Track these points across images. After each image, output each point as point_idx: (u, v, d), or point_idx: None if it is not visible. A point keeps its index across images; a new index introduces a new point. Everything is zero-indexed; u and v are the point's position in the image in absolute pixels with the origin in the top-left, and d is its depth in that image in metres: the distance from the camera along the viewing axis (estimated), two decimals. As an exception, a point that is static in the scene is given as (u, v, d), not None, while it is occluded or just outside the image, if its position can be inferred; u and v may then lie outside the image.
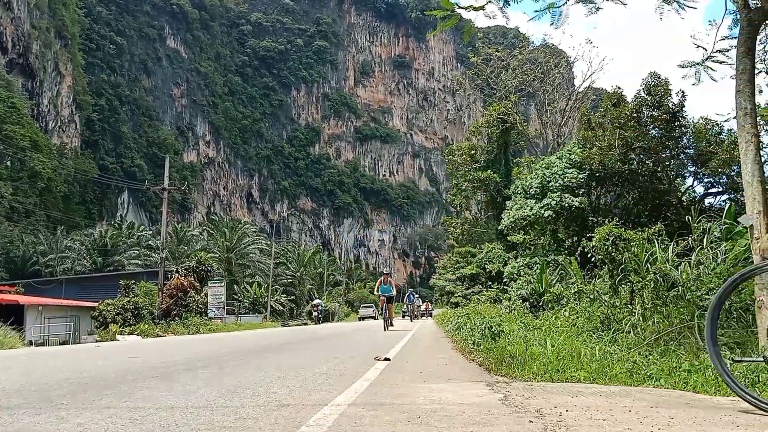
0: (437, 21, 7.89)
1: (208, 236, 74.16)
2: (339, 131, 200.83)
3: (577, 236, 19.49)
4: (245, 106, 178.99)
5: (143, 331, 22.98)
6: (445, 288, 46.78)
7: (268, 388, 4.89)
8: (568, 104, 39.12)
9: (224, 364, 7.74)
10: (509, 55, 41.68)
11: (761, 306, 5.78)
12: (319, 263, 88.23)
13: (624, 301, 9.53)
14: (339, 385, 5.04)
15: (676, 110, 18.41)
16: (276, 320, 53.07)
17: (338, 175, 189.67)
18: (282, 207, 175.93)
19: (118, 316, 27.84)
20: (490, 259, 33.24)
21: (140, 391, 4.91)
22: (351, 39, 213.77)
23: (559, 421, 3.25)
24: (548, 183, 20.33)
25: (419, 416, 3.44)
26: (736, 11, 7.26)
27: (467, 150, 36.50)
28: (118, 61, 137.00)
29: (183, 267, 39.75)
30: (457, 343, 10.86)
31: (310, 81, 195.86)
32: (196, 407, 3.94)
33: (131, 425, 3.37)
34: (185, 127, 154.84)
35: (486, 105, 43.65)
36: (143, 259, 66.84)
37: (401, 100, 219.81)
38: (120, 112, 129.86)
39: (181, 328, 26.57)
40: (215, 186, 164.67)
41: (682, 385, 4.93)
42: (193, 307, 32.86)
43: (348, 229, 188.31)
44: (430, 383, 5.31)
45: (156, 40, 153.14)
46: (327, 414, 3.56)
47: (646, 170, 18.74)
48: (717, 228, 10.32)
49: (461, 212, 44.88)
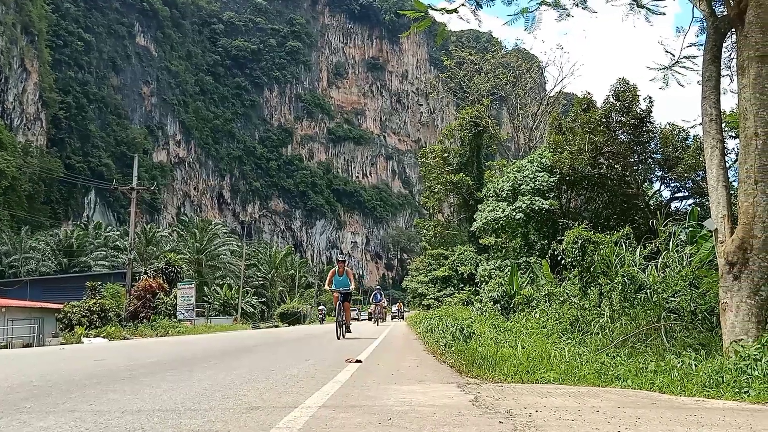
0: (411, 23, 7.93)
1: (178, 237, 73.20)
2: (312, 132, 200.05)
3: (548, 239, 19.72)
4: (217, 105, 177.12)
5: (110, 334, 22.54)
6: (417, 290, 46.88)
7: (237, 391, 4.83)
8: (539, 108, 39.59)
9: (193, 366, 7.63)
10: (482, 59, 42.04)
11: (725, 308, 5.91)
12: (290, 265, 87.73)
13: (593, 303, 9.66)
14: (310, 387, 5.00)
15: (644, 116, 18.78)
16: (247, 322, 52.59)
17: (311, 176, 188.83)
18: (254, 208, 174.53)
19: (84, 319, 27.28)
20: (462, 261, 33.44)
21: (106, 394, 4.81)
22: (325, 40, 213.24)
23: (528, 421, 3.27)
24: (519, 186, 20.55)
25: (390, 418, 3.43)
26: (703, 19, 7.42)
27: (440, 153, 36.70)
28: (86, 58, 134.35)
29: (152, 268, 39.13)
30: (429, 345, 10.88)
31: (283, 81, 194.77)
32: (163, 411, 3.87)
33: (96, 429, 3.30)
34: (155, 126, 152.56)
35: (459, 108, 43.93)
36: (110, 260, 65.66)
37: (375, 102, 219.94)
38: (87, 110, 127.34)
39: (149, 330, 26.14)
40: (185, 186, 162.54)
41: (648, 386, 5.01)
42: (161, 309, 32.35)
43: (320, 231, 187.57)
44: (402, 385, 5.30)
45: (125, 37, 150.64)
46: (297, 416, 3.52)
47: (615, 174, 19.07)
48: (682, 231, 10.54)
49: (434, 214, 45.08)
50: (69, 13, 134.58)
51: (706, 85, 6.61)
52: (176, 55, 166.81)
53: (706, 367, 5.22)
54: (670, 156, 19.30)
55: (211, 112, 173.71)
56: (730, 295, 5.84)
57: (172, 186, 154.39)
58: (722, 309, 5.98)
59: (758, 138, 5.75)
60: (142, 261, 54.94)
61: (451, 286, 36.06)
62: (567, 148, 19.72)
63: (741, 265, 5.76)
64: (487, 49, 51.02)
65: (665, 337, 6.91)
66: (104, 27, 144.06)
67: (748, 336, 5.59)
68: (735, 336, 5.69)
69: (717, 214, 6.25)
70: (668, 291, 8.21)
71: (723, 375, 4.88)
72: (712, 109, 6.50)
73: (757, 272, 5.67)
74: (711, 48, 6.70)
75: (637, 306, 8.35)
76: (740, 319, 5.71)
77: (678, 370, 5.30)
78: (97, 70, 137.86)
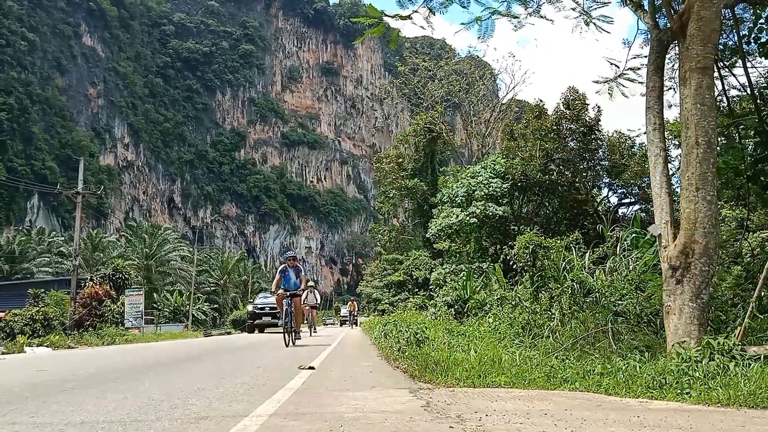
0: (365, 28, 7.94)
1: (126, 243, 71.20)
2: (265, 136, 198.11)
3: (501, 244, 20.02)
4: (167, 108, 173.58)
5: (54, 343, 21.68)
6: (372, 295, 46.87)
7: (186, 401, 4.72)
8: (492, 115, 40.22)
9: (140, 376, 7.42)
10: (436, 66, 42.49)
11: (669, 311, 6.10)
12: (243, 270, 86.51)
13: (544, 307, 9.83)
14: (261, 395, 4.93)
15: (593, 124, 19.29)
16: (198, 329, 51.51)
17: (264, 180, 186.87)
18: (205, 213, 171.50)
19: (26, 327, 26.27)
20: (417, 266, 33.60)
21: (48, 406, 4.62)
22: (279, 44, 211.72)
23: (478, 426, 3.30)
24: (473, 192, 20.79)
25: (341, 425, 3.40)
26: (648, 31, 7.68)
27: (395, 158, 36.85)
28: (30, 58, 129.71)
29: (98, 275, 38.01)
30: (383, 351, 10.87)
31: (235, 85, 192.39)
32: (108, 422, 3.74)
33: (35, 444, 3.16)
34: (102, 128, 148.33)
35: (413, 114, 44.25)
36: (54, 266, 63.42)
37: (329, 107, 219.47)
38: (31, 111, 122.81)
39: (96, 339, 25.30)
40: (134, 190, 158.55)
41: (595, 388, 5.12)
42: (108, 317, 31.41)
43: (274, 236, 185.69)
44: (354, 391, 5.28)
45: (71, 37, 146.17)
46: (247, 425, 3.46)
47: (565, 180, 19.50)
48: (628, 237, 10.85)
49: (389, 220, 45.20)
50: (12, 12, 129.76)
51: (650, 95, 6.83)
52: (124, 56, 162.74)
53: (650, 368, 5.37)
54: (617, 163, 19.92)
55: (161, 114, 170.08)
56: (673, 298, 6.03)
57: (120, 190, 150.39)
58: (666, 312, 6.16)
59: (699, 147, 5.97)
60: (88, 267, 53.27)
61: (405, 291, 36.18)
62: (519, 155, 20.09)
63: (683, 269, 5.96)
64: (441, 56, 51.58)
65: (612, 340, 7.09)
66: (49, 26, 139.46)
67: (690, 338, 5.78)
68: (678, 338, 5.87)
69: (660, 220, 6.45)
70: (615, 294, 8.42)
71: (666, 376, 5.02)
72: (655, 119, 6.72)
73: (699, 276, 5.87)
74: (655, 59, 6.93)
75: (586, 309, 8.53)
76: (683, 321, 5.89)
77: (623, 372, 5.44)
78: (41, 71, 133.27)
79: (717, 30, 6.36)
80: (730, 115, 9.74)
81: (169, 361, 10.56)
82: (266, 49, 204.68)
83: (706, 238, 5.91)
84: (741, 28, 8.79)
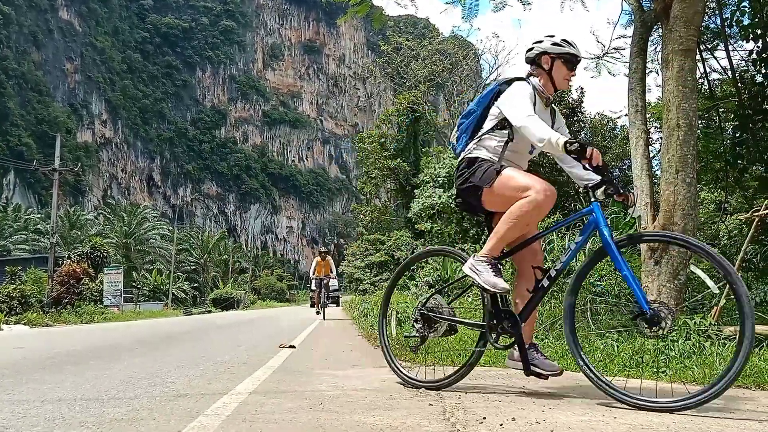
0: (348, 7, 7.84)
1: (105, 221, 70.44)
2: (246, 115, 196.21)
3: (482, 225, 20.10)
4: (146, 84, 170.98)
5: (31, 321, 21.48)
6: (353, 275, 46.97)
7: (165, 378, 4.69)
8: (475, 95, 40.12)
9: (119, 354, 7.37)
10: (419, 45, 42.15)
11: (647, 292, 6.17)
12: (224, 250, 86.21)
13: (524, 287, 9.88)
14: (241, 374, 4.92)
15: (576, 105, 19.35)
16: (178, 308, 51.34)
17: (245, 159, 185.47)
18: (185, 191, 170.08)
19: (3, 305, 26.04)
20: (399, 246, 33.66)
21: (25, 383, 4.57)
22: (260, 20, 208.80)
23: (457, 403, 3.32)
24: (455, 173, 20.80)
25: (321, 402, 3.41)
26: (631, 12, 7.67)
27: (377, 138, 36.70)
28: (5, 32, 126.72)
29: (76, 253, 37.63)
30: (363, 330, 10.91)
31: (216, 62, 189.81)
32: (85, 399, 3.70)
33: (14, 419, 3.11)
34: (79, 104, 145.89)
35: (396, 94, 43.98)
36: (31, 244, 62.60)
37: (311, 86, 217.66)
38: (6, 86, 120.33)
39: (74, 317, 25.12)
40: (112, 168, 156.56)
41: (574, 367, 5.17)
42: (87, 295, 31.21)
43: (255, 215, 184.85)
44: (335, 370, 5.30)
45: (47, 11, 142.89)
46: (226, 403, 3.45)
47: (547, 162, 19.58)
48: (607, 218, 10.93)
49: (371, 200, 45.10)
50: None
51: (632, 77, 6.84)
52: (102, 31, 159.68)
53: (627, 348, 5.45)
54: (599, 145, 20.03)
55: (139, 91, 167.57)
56: (651, 279, 6.10)
57: (98, 168, 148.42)
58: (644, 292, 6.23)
59: (680, 129, 6.00)
60: (65, 245, 52.63)
61: (387, 271, 36.30)
62: (501, 136, 20.10)
63: (662, 250, 6.02)
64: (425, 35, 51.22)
65: (591, 320, 7.17)
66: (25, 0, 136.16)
67: (666, 318, 5.86)
68: (655, 318, 5.94)
69: (641, 201, 6.50)
70: (595, 275, 8.51)
71: (643, 356, 5.10)
72: (637, 100, 6.74)
73: (677, 257, 5.94)
74: (638, 41, 6.93)
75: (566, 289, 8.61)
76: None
77: (601, 351, 5.51)
78: (17, 45, 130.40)
79: (700, 12, 6.36)
80: (710, 98, 9.81)
81: (147, 339, 10.50)
82: (247, 26, 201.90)
83: (685, 220, 5.97)
84: (724, 11, 8.82)
